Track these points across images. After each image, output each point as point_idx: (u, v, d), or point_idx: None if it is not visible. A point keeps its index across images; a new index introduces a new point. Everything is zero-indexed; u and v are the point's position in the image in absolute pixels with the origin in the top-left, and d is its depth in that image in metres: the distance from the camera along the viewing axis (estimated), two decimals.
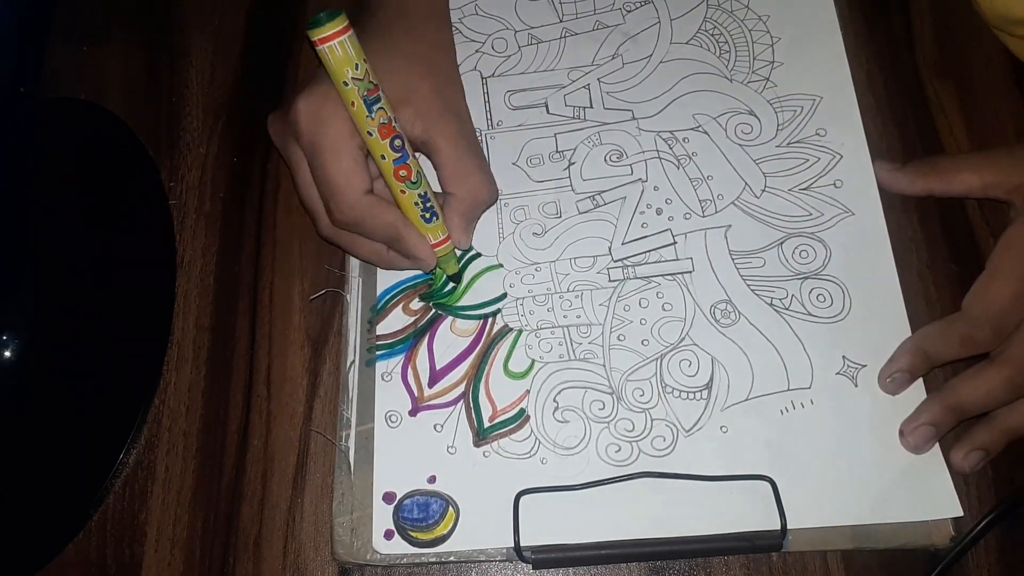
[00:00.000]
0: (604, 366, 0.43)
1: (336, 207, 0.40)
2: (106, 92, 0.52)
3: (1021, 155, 0.43)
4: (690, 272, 0.45)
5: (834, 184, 0.46)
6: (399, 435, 0.42)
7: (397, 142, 0.40)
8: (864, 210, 0.45)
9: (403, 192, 0.41)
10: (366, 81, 0.38)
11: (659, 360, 0.43)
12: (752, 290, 0.44)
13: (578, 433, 0.42)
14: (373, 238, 0.42)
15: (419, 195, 0.41)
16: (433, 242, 0.42)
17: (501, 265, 0.46)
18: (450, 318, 0.45)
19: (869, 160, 0.46)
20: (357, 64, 0.38)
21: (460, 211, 0.43)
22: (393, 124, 0.39)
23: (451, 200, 0.43)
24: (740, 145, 0.48)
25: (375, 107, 0.38)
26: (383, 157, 0.40)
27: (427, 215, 0.42)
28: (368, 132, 0.39)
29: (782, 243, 0.45)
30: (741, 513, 0.40)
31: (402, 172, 0.40)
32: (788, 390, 0.42)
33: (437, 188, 0.43)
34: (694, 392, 0.42)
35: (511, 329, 0.44)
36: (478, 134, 0.49)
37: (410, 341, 0.44)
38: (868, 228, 0.45)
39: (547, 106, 0.49)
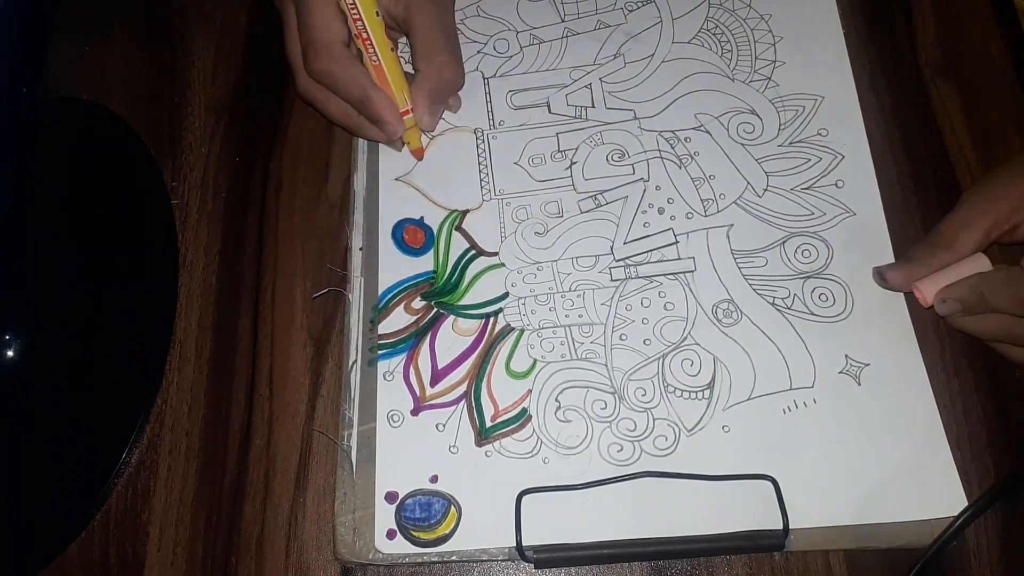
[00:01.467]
0: (606, 365, 0.43)
1: (313, 53, 0.43)
2: (108, 92, 0.52)
3: (995, 191, 0.41)
4: (692, 272, 0.45)
5: (835, 184, 0.46)
6: (401, 434, 0.42)
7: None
8: (865, 210, 0.45)
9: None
10: None
11: (661, 360, 0.43)
12: (754, 289, 0.44)
13: (580, 432, 0.42)
14: (342, 94, 0.45)
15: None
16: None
17: (503, 264, 0.46)
18: (452, 317, 0.45)
19: (870, 161, 0.47)
20: None
21: (425, 88, 0.45)
22: None
23: (417, 77, 0.46)
24: (742, 144, 0.48)
25: None
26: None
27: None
28: None
29: (784, 242, 0.45)
30: (743, 512, 0.40)
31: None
32: (790, 389, 0.42)
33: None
34: (696, 392, 0.42)
35: (513, 328, 0.44)
36: (480, 134, 0.49)
37: (412, 340, 0.44)
38: (870, 228, 0.45)
39: (549, 106, 0.49)
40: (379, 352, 0.44)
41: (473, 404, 0.43)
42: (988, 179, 0.43)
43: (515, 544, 0.39)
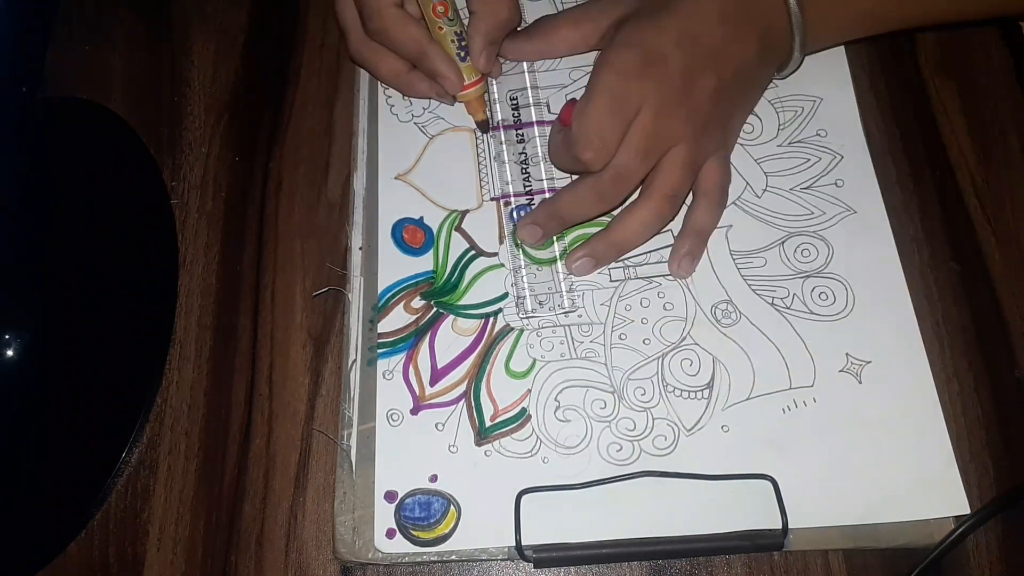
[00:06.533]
0: (606, 365, 0.43)
1: (368, 13, 0.44)
2: (108, 91, 0.52)
3: (610, 2, 0.44)
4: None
5: (835, 184, 0.46)
6: (400, 434, 0.42)
7: None
8: (866, 208, 0.45)
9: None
10: None
11: (660, 359, 0.43)
12: (753, 290, 0.44)
13: (579, 432, 0.42)
14: (398, 51, 0.45)
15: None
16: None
17: (502, 265, 0.46)
18: (451, 317, 0.45)
19: (870, 161, 0.47)
20: None
21: (481, 30, 0.45)
22: None
23: (472, 20, 0.45)
24: (742, 144, 0.47)
25: None
26: None
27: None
28: None
29: (783, 242, 0.45)
30: (742, 512, 0.40)
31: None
32: (790, 388, 0.42)
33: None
34: (695, 391, 0.42)
35: (512, 328, 0.44)
36: (479, 134, 0.49)
37: (411, 340, 0.44)
38: (871, 225, 0.45)
39: (548, 106, 0.49)
40: (379, 351, 0.44)
41: (472, 404, 0.43)
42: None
43: (514, 543, 0.39)
